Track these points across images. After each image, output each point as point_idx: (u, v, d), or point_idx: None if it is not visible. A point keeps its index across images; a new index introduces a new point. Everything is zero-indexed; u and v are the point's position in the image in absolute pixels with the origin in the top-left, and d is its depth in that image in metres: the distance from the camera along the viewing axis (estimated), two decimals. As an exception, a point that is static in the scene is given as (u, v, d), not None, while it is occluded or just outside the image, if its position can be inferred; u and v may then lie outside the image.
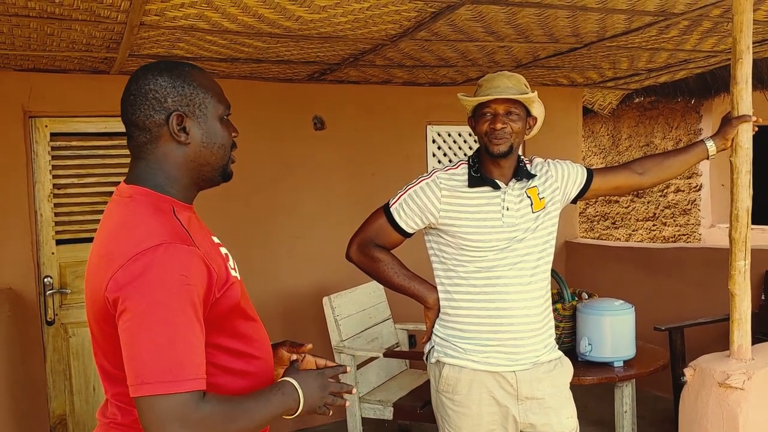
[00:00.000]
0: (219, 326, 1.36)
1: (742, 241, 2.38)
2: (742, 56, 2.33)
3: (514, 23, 3.11)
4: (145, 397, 1.20)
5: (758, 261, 4.05)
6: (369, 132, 4.85)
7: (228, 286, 1.38)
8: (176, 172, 1.41)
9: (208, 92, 1.42)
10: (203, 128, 1.41)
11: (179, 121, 1.38)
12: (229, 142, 1.48)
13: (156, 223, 1.32)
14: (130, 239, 1.29)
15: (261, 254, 4.52)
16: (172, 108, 1.38)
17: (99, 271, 1.31)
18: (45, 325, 4.01)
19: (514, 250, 2.23)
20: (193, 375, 1.22)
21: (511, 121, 2.21)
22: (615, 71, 4.68)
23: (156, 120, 1.38)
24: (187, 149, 1.41)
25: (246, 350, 1.44)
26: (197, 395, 1.22)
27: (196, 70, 1.44)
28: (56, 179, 3.99)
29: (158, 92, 1.37)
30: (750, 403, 2.29)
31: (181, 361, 1.22)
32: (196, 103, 1.40)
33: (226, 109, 1.47)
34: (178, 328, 1.22)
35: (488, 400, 2.26)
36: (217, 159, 1.45)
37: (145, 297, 1.22)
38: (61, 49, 3.33)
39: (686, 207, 7.41)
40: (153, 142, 1.39)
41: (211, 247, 1.43)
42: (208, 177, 1.46)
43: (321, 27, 3.03)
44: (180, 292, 1.24)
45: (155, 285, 1.23)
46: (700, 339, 4.05)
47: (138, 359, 1.22)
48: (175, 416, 1.20)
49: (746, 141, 2.37)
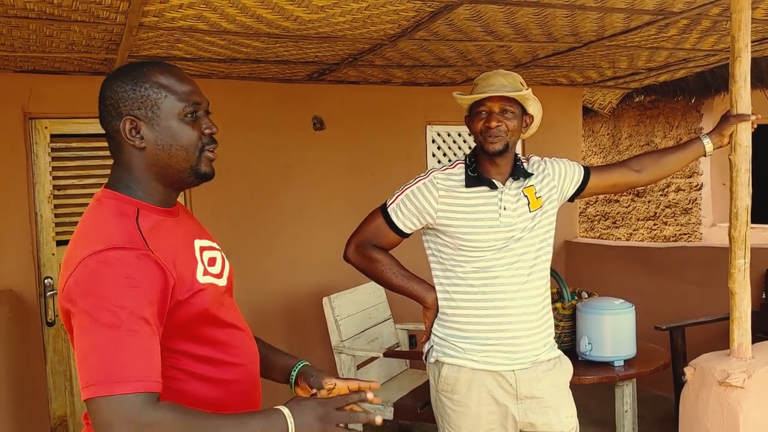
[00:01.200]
0: (183, 332, 1.34)
1: (742, 239, 2.38)
2: (740, 54, 2.33)
3: (513, 23, 3.11)
4: (92, 399, 1.18)
5: (759, 259, 4.04)
6: (368, 132, 4.85)
7: (193, 293, 1.35)
8: (141, 176, 1.40)
9: (162, 91, 1.37)
10: (157, 130, 1.37)
11: (132, 125, 1.36)
12: (194, 142, 1.40)
13: (112, 227, 1.32)
14: (85, 243, 1.29)
15: (261, 255, 4.52)
16: (124, 113, 1.36)
17: (61, 276, 1.32)
18: (45, 326, 4.01)
19: (511, 250, 2.22)
20: (139, 377, 1.19)
21: (507, 119, 2.21)
22: (614, 70, 4.68)
23: (114, 126, 1.38)
24: (144, 153, 1.38)
25: (219, 357, 1.40)
26: (145, 398, 1.18)
27: (155, 68, 1.39)
28: (56, 180, 3.99)
29: (113, 98, 1.37)
30: (750, 401, 2.28)
31: (126, 363, 1.19)
32: (148, 105, 1.36)
33: (190, 106, 1.39)
34: (123, 331, 1.20)
35: (487, 399, 2.25)
36: (178, 161, 1.39)
37: (90, 301, 1.22)
38: (61, 51, 3.33)
39: (687, 206, 7.40)
40: (117, 148, 1.40)
41: (179, 251, 1.39)
42: (177, 178, 1.42)
43: (319, 27, 3.03)
44: (126, 295, 1.22)
45: (100, 288, 1.22)
46: (701, 338, 4.04)
47: (85, 362, 1.21)
48: (122, 418, 1.17)
49: (745, 139, 2.37)
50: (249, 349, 1.50)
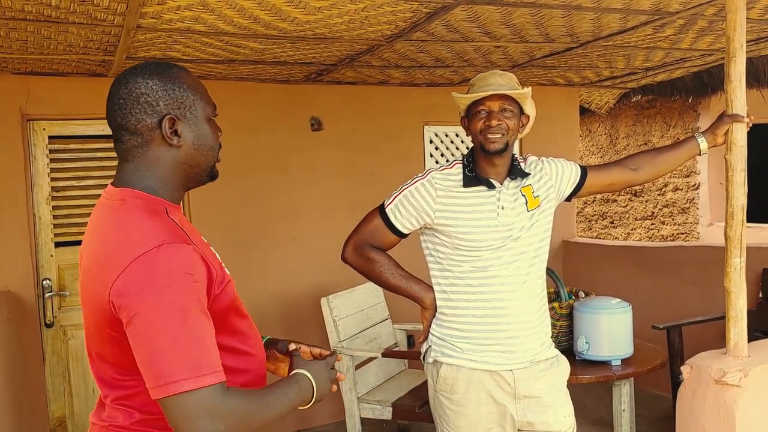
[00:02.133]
0: (219, 324, 1.36)
1: (738, 238, 2.39)
2: (735, 54, 2.34)
3: (510, 23, 3.12)
4: (171, 396, 1.21)
5: (756, 259, 4.08)
6: (366, 133, 4.86)
7: (225, 284, 1.39)
8: (167, 174, 1.41)
9: (197, 94, 1.43)
10: (194, 131, 1.42)
11: (171, 124, 1.38)
12: (217, 143, 1.48)
13: (152, 224, 1.32)
14: (129, 242, 1.29)
15: (259, 255, 4.53)
16: (165, 111, 1.38)
17: (100, 276, 1.31)
18: (44, 328, 4.02)
19: (509, 249, 2.23)
20: (213, 369, 1.24)
21: (506, 118, 2.22)
22: (611, 70, 4.69)
23: (148, 124, 1.37)
24: (178, 152, 1.41)
25: (242, 348, 1.45)
26: (221, 388, 1.24)
27: (183, 71, 1.44)
28: (54, 182, 4.00)
29: (150, 96, 1.37)
30: (746, 399, 2.30)
31: (199, 357, 1.23)
32: (187, 105, 1.40)
33: (214, 109, 1.47)
34: (191, 326, 1.23)
35: (486, 399, 2.26)
36: (206, 160, 1.46)
37: (154, 299, 1.23)
38: (59, 52, 3.34)
39: (685, 206, 7.41)
40: (144, 145, 1.39)
41: (205, 245, 1.44)
42: (196, 178, 1.47)
43: (317, 28, 3.04)
44: (188, 290, 1.25)
45: (162, 286, 1.23)
46: (698, 337, 4.05)
47: (157, 361, 1.22)
48: (204, 410, 1.21)
49: (741, 138, 2.38)
50: (259, 339, 1.56)
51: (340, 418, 4.07)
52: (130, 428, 1.38)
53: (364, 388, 3.88)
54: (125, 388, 1.36)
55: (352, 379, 3.72)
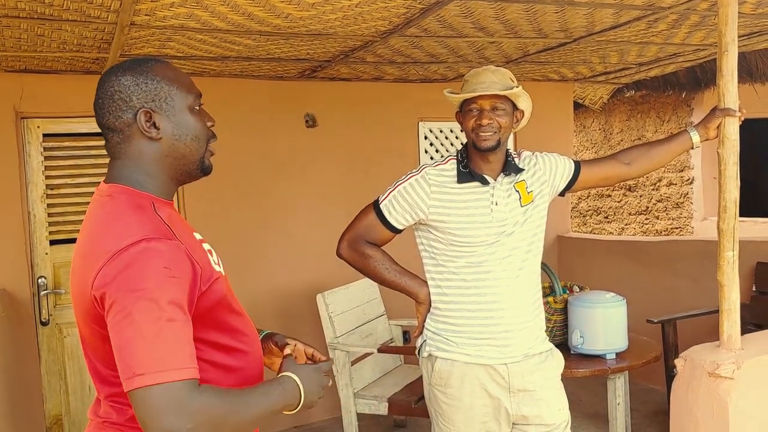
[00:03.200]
0: (206, 321, 1.37)
1: (730, 232, 2.41)
2: (727, 49, 2.36)
3: (503, 19, 3.13)
4: (138, 389, 1.20)
5: (750, 252, 4.10)
6: (361, 129, 4.86)
7: (213, 281, 1.38)
8: (153, 168, 1.42)
9: (173, 84, 1.42)
10: (173, 121, 1.41)
11: (147, 117, 1.39)
12: (204, 133, 1.47)
13: (136, 219, 1.33)
14: (112, 236, 1.29)
15: (254, 252, 4.53)
16: (138, 105, 1.38)
17: (83, 270, 1.32)
18: (39, 326, 4.01)
19: (503, 245, 2.24)
20: (183, 364, 1.22)
21: (498, 116, 2.23)
22: (605, 65, 4.71)
23: (125, 120, 1.39)
24: (160, 144, 1.41)
25: (234, 345, 1.45)
26: (191, 384, 1.22)
27: (159, 64, 1.43)
28: (49, 180, 3.99)
29: (122, 92, 1.39)
30: (739, 392, 2.31)
31: (171, 351, 1.22)
32: (162, 96, 1.40)
33: (196, 98, 1.46)
34: (165, 320, 1.22)
35: (480, 392, 2.27)
36: (192, 151, 1.44)
37: (131, 291, 1.23)
38: (52, 50, 3.33)
39: (679, 200, 7.44)
40: (126, 141, 1.40)
41: (194, 241, 1.44)
42: (185, 171, 1.46)
43: (310, 24, 3.04)
44: (165, 285, 1.24)
45: (140, 279, 1.23)
46: (692, 331, 4.08)
47: (128, 353, 1.22)
48: (171, 406, 1.19)
49: (733, 132, 2.40)
50: (255, 337, 1.55)
51: (336, 413, 4.08)
52: (123, 425, 1.38)
53: (360, 383, 3.89)
54: (117, 384, 1.34)
55: (348, 374, 3.73)
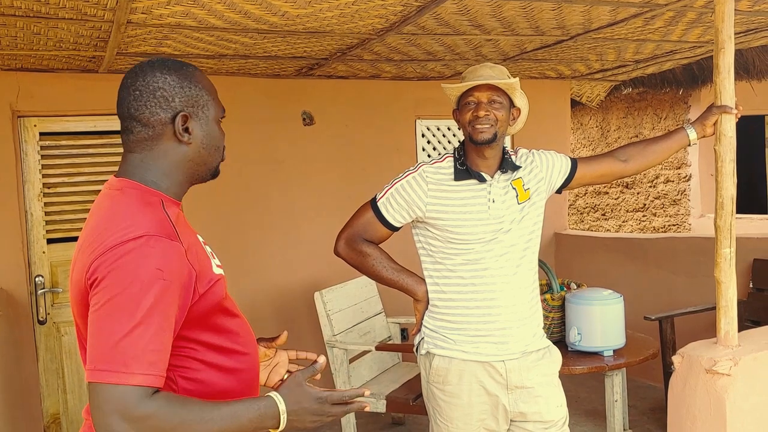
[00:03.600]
0: (202, 322, 1.36)
1: (727, 228, 2.41)
2: (724, 46, 2.35)
3: (500, 16, 3.13)
4: (92, 383, 1.20)
5: (747, 249, 4.11)
6: (358, 127, 4.86)
7: (212, 284, 1.38)
8: (171, 170, 1.43)
9: (210, 95, 1.46)
10: (204, 130, 1.45)
11: (184, 121, 1.41)
12: (223, 144, 1.52)
13: (142, 215, 1.32)
14: (115, 229, 1.29)
15: (252, 250, 4.53)
16: (179, 108, 1.40)
17: (83, 259, 1.31)
18: (37, 325, 4.01)
19: (500, 242, 2.24)
20: (144, 370, 1.21)
21: (494, 109, 2.23)
22: (602, 63, 4.71)
23: (161, 118, 1.39)
24: (187, 149, 1.43)
25: (231, 346, 1.44)
26: (143, 391, 1.20)
27: (199, 71, 1.47)
28: (46, 178, 3.99)
29: (167, 90, 1.39)
30: (736, 388, 2.32)
31: (136, 354, 1.20)
32: (201, 104, 1.43)
33: (222, 111, 1.51)
34: (141, 321, 1.21)
35: (478, 390, 2.27)
36: (213, 159, 1.49)
37: (117, 284, 1.22)
38: (49, 48, 3.33)
39: (676, 197, 7.45)
40: (154, 138, 1.41)
41: (197, 243, 1.44)
42: (201, 176, 1.50)
43: (307, 22, 3.03)
44: (152, 286, 1.23)
45: (128, 274, 1.23)
46: (690, 328, 4.08)
47: (96, 344, 1.22)
48: (116, 408, 1.19)
49: (729, 129, 2.40)
50: (252, 338, 1.54)
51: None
52: None
53: (358, 381, 3.90)
54: None
55: (346, 372, 3.73)
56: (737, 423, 2.32)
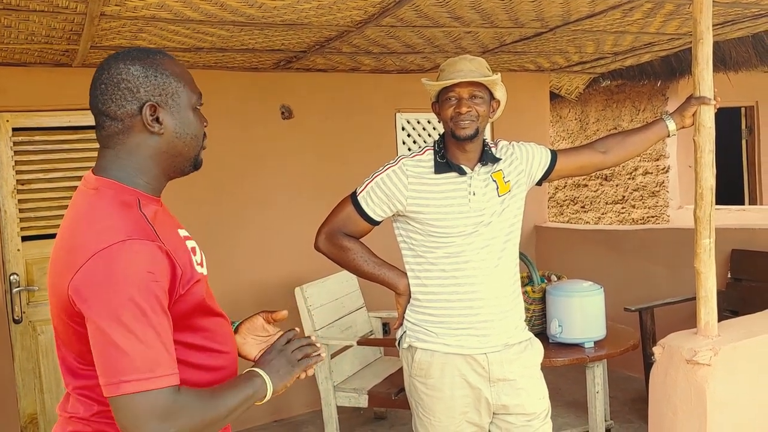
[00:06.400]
0: (182, 322, 1.35)
1: (707, 219, 2.42)
2: (702, 37, 2.36)
3: (479, 8, 3.11)
4: (122, 395, 1.20)
5: (725, 240, 4.13)
6: (338, 120, 4.83)
7: (192, 283, 1.36)
8: (147, 163, 1.39)
9: (180, 81, 1.41)
10: (176, 118, 1.40)
11: (152, 111, 1.36)
12: (201, 132, 1.47)
13: (119, 217, 1.30)
14: (93, 234, 1.27)
15: (231, 245, 4.49)
16: (145, 98, 1.36)
17: (62, 266, 1.29)
18: (12, 324, 3.94)
19: (481, 234, 2.24)
20: (169, 371, 1.23)
21: (476, 104, 2.22)
22: (581, 55, 4.72)
23: (128, 110, 1.36)
24: (159, 140, 1.39)
25: (209, 345, 1.43)
26: (174, 389, 1.23)
27: (167, 58, 1.42)
28: (20, 175, 3.92)
29: (131, 82, 1.35)
30: (717, 378, 2.33)
31: (156, 358, 1.22)
32: (169, 92, 1.39)
33: (199, 98, 1.46)
34: (149, 326, 1.22)
35: (461, 383, 2.27)
36: (189, 149, 1.44)
37: (114, 296, 1.21)
38: (20, 42, 3.26)
39: (655, 189, 7.49)
40: (125, 132, 1.37)
41: (178, 241, 1.41)
42: (178, 167, 1.45)
43: (285, 14, 3.00)
44: (148, 289, 1.23)
45: (123, 283, 1.22)
46: (670, 319, 4.11)
47: (113, 358, 1.21)
48: (155, 412, 1.20)
49: (708, 120, 2.40)
50: (231, 337, 1.54)
51: (316, 407, 4.07)
52: (89, 420, 1.37)
53: (339, 376, 3.88)
54: (86, 377, 1.34)
55: (327, 368, 3.72)
56: (718, 412, 2.33)
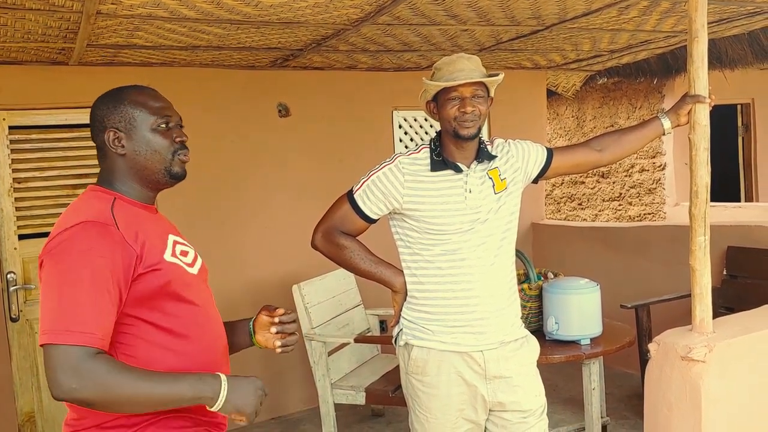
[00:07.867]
0: (144, 301, 1.53)
1: (702, 216, 2.42)
2: (697, 34, 2.36)
3: (476, 6, 3.12)
4: (44, 345, 1.39)
5: (720, 237, 4.14)
6: (335, 118, 4.83)
7: (153, 268, 1.54)
8: (123, 177, 1.67)
9: (137, 108, 1.65)
10: (134, 139, 1.65)
11: (113, 136, 1.64)
12: (166, 148, 1.67)
13: (88, 207, 1.57)
14: (66, 220, 1.53)
15: (229, 243, 4.49)
16: (108, 126, 1.65)
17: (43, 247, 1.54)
18: (9, 322, 3.94)
19: (477, 232, 2.24)
20: (86, 330, 1.40)
21: (478, 103, 2.23)
22: (577, 53, 4.72)
23: (101, 138, 1.66)
24: (123, 158, 1.66)
25: (174, 329, 1.58)
26: (88, 350, 1.39)
27: (134, 89, 1.68)
28: (16, 173, 3.92)
29: (98, 115, 1.66)
30: (712, 375, 2.34)
31: (76, 317, 1.40)
32: (126, 119, 1.64)
33: (161, 118, 1.66)
34: (80, 290, 1.42)
35: (457, 380, 2.27)
36: (153, 163, 1.66)
37: (57, 262, 1.46)
38: (16, 40, 3.26)
39: (651, 186, 7.51)
40: (103, 154, 1.68)
41: (154, 236, 1.61)
42: (152, 179, 1.68)
43: (281, 12, 3.00)
44: (88, 261, 1.44)
45: (66, 252, 1.46)
46: (666, 315, 4.12)
47: (43, 313, 1.43)
48: (63, 366, 1.37)
49: (703, 118, 2.41)
50: (212, 332, 1.69)
51: (314, 404, 4.07)
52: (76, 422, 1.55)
53: (336, 374, 3.89)
54: None
55: (324, 365, 3.72)
56: (712, 409, 2.34)
